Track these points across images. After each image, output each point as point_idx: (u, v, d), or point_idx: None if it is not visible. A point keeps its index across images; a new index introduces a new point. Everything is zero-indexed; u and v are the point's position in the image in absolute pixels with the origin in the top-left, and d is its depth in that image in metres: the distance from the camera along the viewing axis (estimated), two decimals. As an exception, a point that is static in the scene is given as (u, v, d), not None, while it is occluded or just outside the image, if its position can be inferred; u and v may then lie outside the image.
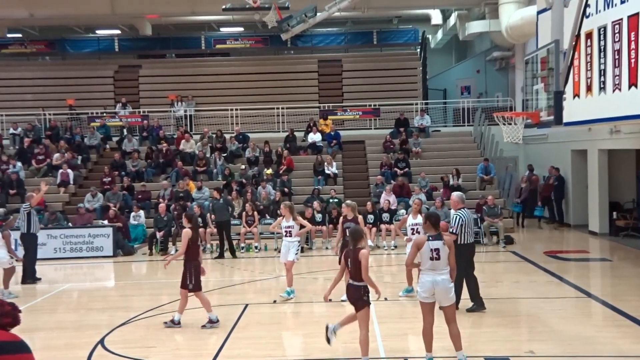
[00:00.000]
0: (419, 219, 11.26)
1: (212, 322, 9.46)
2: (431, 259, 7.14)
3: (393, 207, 18.36)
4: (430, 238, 7.19)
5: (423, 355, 7.48)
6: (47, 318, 10.84)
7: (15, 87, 29.16)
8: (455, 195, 10.10)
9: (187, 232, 9.46)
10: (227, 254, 16.66)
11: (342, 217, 11.34)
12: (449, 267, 7.21)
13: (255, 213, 17.84)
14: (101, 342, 8.90)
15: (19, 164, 22.32)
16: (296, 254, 11.44)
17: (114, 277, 15.40)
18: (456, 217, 9.66)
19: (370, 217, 17.52)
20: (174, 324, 9.50)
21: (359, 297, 7.15)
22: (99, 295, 13.31)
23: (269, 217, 18.88)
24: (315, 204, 18.29)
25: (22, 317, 9.54)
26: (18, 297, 12.41)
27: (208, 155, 23.15)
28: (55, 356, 8.32)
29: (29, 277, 13.75)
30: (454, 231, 9.53)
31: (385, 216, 17.79)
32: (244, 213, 17.91)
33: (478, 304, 10.02)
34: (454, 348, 7.35)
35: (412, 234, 11.17)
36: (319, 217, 17.84)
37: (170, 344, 8.75)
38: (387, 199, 18.51)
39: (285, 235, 11.42)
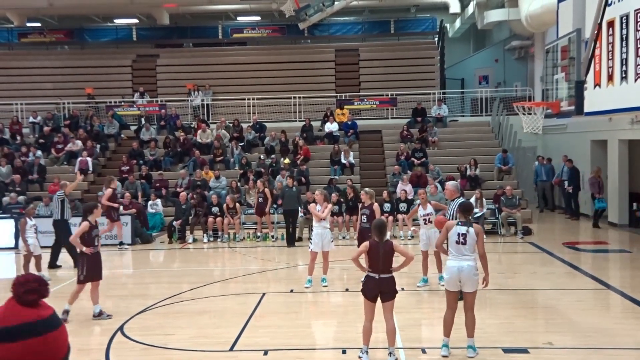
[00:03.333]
0: (429, 209, 11.29)
1: (66, 313, 9.43)
2: (457, 242, 7.29)
3: (410, 197, 18.28)
4: (460, 223, 7.36)
5: (441, 345, 7.49)
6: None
7: (35, 76, 29.42)
8: (451, 184, 10.09)
9: (86, 225, 9.44)
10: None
11: (361, 204, 11.54)
12: (477, 254, 7.30)
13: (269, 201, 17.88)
14: (120, 329, 8.99)
15: (39, 152, 22.54)
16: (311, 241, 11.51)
17: (132, 265, 15.53)
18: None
19: (387, 206, 17.49)
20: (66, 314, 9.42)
21: (393, 287, 7.19)
22: (118, 282, 13.44)
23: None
24: (334, 196, 18.19)
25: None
26: (51, 280, 12.76)
27: (225, 141, 23.20)
28: (76, 343, 8.41)
29: (55, 263, 14.14)
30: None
31: (403, 206, 17.74)
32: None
33: None
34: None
35: (425, 224, 11.21)
36: (335, 208, 17.64)
37: (188, 331, 8.81)
38: (404, 188, 18.45)
39: (319, 221, 11.40)
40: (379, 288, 7.11)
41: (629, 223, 18.23)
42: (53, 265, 14.17)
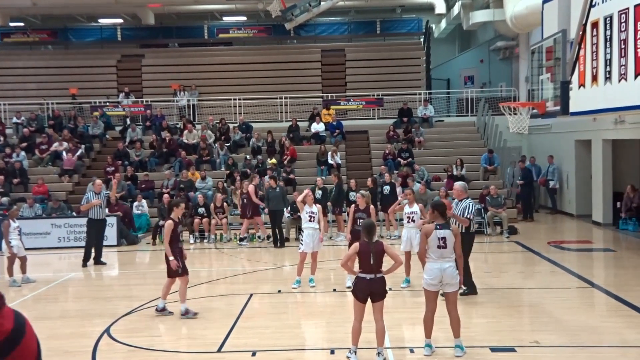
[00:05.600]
0: (415, 207, 11.36)
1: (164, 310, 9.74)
2: (439, 247, 7.31)
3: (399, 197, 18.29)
4: (438, 227, 7.35)
5: (423, 345, 7.53)
6: (52, 307, 10.88)
7: (18, 76, 29.13)
8: (459, 184, 10.23)
9: (170, 223, 9.47)
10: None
11: (354, 206, 11.29)
12: (455, 254, 7.38)
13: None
14: (107, 331, 8.93)
15: (23, 153, 22.32)
16: (300, 242, 11.54)
17: (118, 267, 15.43)
18: (470, 204, 9.86)
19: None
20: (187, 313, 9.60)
21: (384, 287, 7.19)
22: (104, 284, 13.37)
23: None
24: (319, 180, 18.02)
25: (28, 305, 9.58)
26: (36, 281, 12.71)
27: (210, 141, 23.13)
28: (62, 345, 8.34)
29: (97, 260, 14.71)
30: (470, 217, 9.72)
31: (386, 189, 17.57)
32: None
33: (472, 288, 10.38)
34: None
35: (408, 222, 11.26)
36: (318, 193, 17.31)
37: (175, 333, 8.78)
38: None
39: (309, 221, 11.35)
40: (370, 289, 7.11)
41: (613, 222, 18.39)
42: (98, 261, 14.79)
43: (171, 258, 9.43)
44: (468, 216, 9.66)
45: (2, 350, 2.08)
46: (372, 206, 11.13)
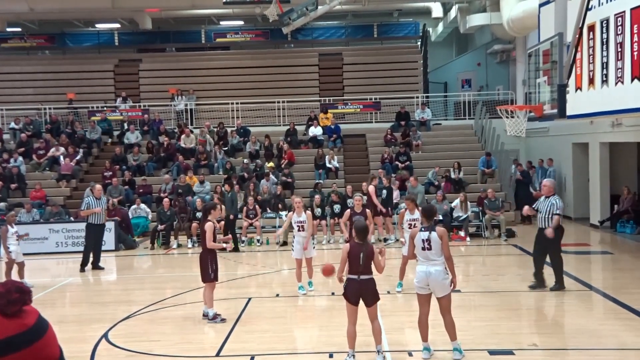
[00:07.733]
0: (417, 214, 11.31)
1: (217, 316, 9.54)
2: (423, 249, 7.34)
3: (396, 201, 18.32)
4: (423, 229, 7.40)
5: (422, 349, 7.52)
6: (50, 312, 10.84)
7: (15, 81, 29.13)
8: (549, 181, 11.01)
9: (210, 226, 9.44)
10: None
11: (350, 209, 11.28)
12: (443, 257, 7.30)
13: (257, 206, 17.87)
14: (105, 336, 8.91)
15: (20, 158, 22.29)
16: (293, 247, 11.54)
17: (116, 271, 15.40)
18: (557, 201, 10.47)
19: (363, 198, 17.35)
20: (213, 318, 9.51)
21: (374, 288, 7.18)
22: (102, 289, 13.36)
23: (270, 211, 18.89)
24: (316, 198, 18.22)
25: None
26: (34, 287, 12.58)
27: (208, 148, 23.14)
28: (60, 350, 8.32)
29: (94, 265, 14.57)
30: (560, 212, 10.42)
31: (383, 192, 17.63)
32: (244, 207, 17.94)
33: (561, 284, 10.85)
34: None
35: (409, 228, 11.20)
36: (318, 211, 17.61)
37: (174, 337, 8.76)
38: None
39: (298, 230, 11.28)
40: (361, 290, 7.13)
41: (611, 225, 18.40)
42: (96, 267, 14.64)
43: (224, 245, 9.70)
44: (557, 212, 10.30)
45: (21, 341, 2.20)
46: (367, 210, 11.15)
